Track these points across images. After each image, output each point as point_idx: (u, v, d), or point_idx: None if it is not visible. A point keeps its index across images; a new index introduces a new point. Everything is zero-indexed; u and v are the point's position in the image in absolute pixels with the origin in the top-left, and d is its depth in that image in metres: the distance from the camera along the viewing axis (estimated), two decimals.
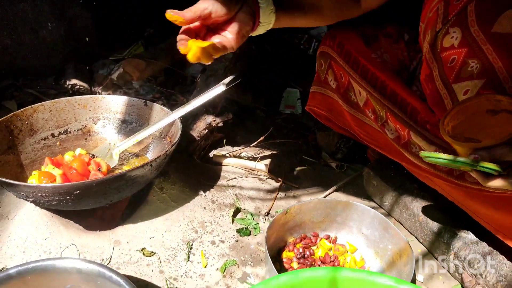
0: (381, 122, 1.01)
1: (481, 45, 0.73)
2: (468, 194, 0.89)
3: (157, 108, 1.15)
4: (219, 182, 1.19)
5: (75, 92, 1.67)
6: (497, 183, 0.64)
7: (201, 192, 1.10)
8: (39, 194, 0.80)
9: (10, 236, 0.94)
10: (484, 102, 0.69)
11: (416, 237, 1.05)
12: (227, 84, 1.04)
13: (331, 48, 1.08)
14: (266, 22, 0.81)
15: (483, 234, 0.93)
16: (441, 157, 0.65)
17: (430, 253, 1.02)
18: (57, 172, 0.99)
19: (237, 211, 1.09)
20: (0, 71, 1.68)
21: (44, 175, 0.98)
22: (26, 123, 1.08)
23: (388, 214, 1.14)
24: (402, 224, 1.10)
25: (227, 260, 0.95)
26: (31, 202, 0.86)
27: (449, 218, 0.98)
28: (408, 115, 0.95)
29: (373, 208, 1.13)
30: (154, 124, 1.06)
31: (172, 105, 1.65)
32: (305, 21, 0.93)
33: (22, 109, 1.08)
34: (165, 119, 1.05)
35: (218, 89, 1.04)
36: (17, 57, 1.73)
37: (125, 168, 1.09)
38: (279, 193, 1.20)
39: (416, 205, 1.03)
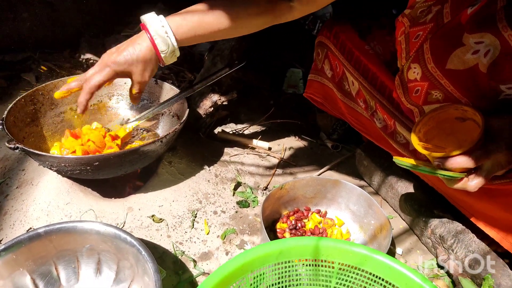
0: (371, 111, 1.09)
1: (439, 79, 0.81)
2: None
3: (167, 86, 1.24)
4: (222, 158, 1.30)
5: (89, 66, 1.75)
6: (458, 185, 0.74)
7: (206, 167, 1.20)
8: (63, 164, 0.91)
9: (35, 200, 1.05)
10: (453, 111, 0.78)
11: (399, 215, 1.16)
12: (232, 67, 1.13)
13: (327, 38, 1.15)
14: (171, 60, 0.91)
15: (458, 216, 1.03)
16: (407, 165, 0.76)
17: (411, 229, 1.12)
18: (76, 143, 1.09)
19: (238, 185, 1.20)
20: (18, 44, 1.77)
21: (65, 146, 1.09)
22: (47, 97, 1.18)
23: (376, 192, 1.25)
24: (387, 202, 1.20)
25: (227, 228, 1.07)
26: (55, 171, 0.97)
27: (429, 199, 1.08)
28: (395, 107, 1.04)
29: (363, 186, 1.24)
30: (165, 102, 1.15)
31: (180, 81, 1.73)
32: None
33: (44, 84, 1.17)
34: (174, 98, 1.14)
35: (224, 71, 1.13)
36: (34, 30, 1.81)
37: (137, 142, 1.20)
38: (277, 169, 1.31)
39: (400, 185, 1.13)
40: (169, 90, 1.24)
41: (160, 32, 0.84)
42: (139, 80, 0.88)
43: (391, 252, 1.06)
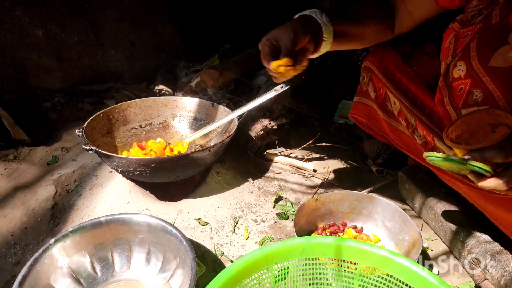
0: (412, 129, 1.13)
1: (482, 77, 0.85)
2: (484, 197, 0.98)
3: (221, 108, 1.39)
4: (267, 174, 1.39)
5: (161, 95, 1.99)
6: (488, 183, 0.74)
7: (250, 180, 1.31)
8: (126, 165, 1.07)
9: (102, 199, 1.22)
10: (485, 116, 0.80)
11: (439, 237, 1.15)
12: (277, 90, 1.25)
13: (372, 63, 1.23)
14: (323, 51, 1.03)
15: (499, 237, 1.01)
16: (438, 156, 0.77)
17: (450, 252, 1.11)
18: (141, 153, 1.27)
19: (279, 198, 1.28)
20: (105, 76, 2.07)
21: (131, 155, 1.27)
22: (122, 115, 1.39)
23: (418, 216, 1.25)
24: (428, 225, 1.20)
25: (265, 236, 1.14)
26: (120, 172, 1.13)
27: (468, 220, 1.07)
28: (435, 123, 1.07)
29: (406, 210, 1.26)
30: (217, 121, 1.29)
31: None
32: (349, 47, 1.12)
33: (119, 104, 1.38)
34: (225, 118, 1.28)
35: (270, 94, 1.25)
36: (119, 65, 2.11)
37: None
38: (320, 189, 1.36)
39: (440, 206, 1.13)
40: (223, 112, 1.38)
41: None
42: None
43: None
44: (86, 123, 1.23)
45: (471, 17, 0.92)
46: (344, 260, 0.84)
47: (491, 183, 0.73)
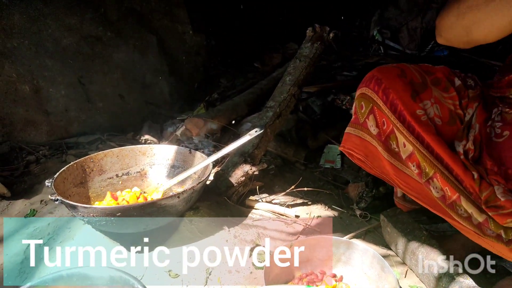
0: (426, 178, 0.98)
1: None
2: None
3: (198, 155, 1.37)
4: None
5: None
6: None
7: (226, 227, 1.25)
8: (92, 214, 1.04)
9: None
10: None
11: (424, 284, 1.07)
12: (252, 134, 1.24)
13: (375, 93, 1.03)
14: None
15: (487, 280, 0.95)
16: None
17: None
18: (113, 203, 1.23)
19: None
20: (92, 128, 2.09)
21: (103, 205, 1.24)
22: (98, 164, 1.37)
23: (403, 262, 1.18)
24: (413, 271, 1.13)
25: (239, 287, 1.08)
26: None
27: (452, 264, 1.00)
28: (458, 179, 0.95)
29: (390, 256, 1.20)
30: (192, 167, 1.27)
31: (223, 157, 1.87)
32: None
33: (95, 153, 1.37)
34: (200, 164, 1.26)
35: (244, 138, 1.24)
36: (106, 116, 2.14)
37: None
38: (301, 236, 1.31)
39: (422, 251, 1.07)
40: (199, 158, 1.36)
41: None
42: None
43: None
44: (57, 173, 1.21)
45: None
46: None
47: None
